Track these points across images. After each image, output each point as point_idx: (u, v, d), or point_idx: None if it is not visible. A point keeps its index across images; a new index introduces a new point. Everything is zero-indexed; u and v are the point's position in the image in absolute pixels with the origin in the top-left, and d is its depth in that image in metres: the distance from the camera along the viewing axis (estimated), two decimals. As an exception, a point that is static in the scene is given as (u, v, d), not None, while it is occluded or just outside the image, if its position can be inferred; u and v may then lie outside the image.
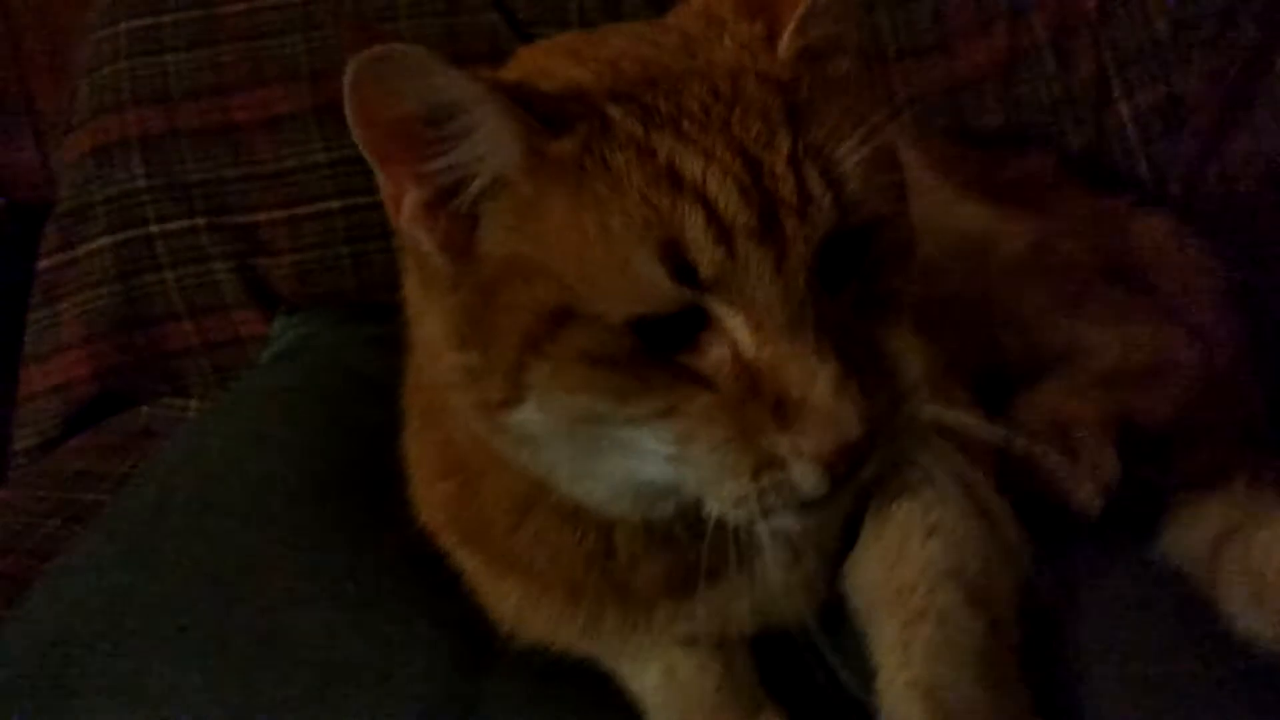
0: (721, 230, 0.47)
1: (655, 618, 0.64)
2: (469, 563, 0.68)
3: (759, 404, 0.49)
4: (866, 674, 0.59)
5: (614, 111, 0.50)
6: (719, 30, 0.54)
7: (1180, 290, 0.92)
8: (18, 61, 1.45)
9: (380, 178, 0.53)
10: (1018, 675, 0.59)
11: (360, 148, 0.51)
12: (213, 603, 0.73)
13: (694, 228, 0.47)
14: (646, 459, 0.52)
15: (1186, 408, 0.79)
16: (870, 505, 0.65)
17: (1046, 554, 0.67)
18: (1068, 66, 1.08)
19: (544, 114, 0.50)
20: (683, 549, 0.61)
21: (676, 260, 0.48)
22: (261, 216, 1.13)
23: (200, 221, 1.13)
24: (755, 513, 0.51)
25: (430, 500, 0.69)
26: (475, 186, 0.51)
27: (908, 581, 0.60)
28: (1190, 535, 0.68)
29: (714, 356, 0.50)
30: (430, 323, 0.56)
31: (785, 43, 0.53)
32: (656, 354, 0.50)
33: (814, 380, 0.48)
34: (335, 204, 1.12)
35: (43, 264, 1.17)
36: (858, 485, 0.52)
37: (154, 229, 1.13)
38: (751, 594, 0.63)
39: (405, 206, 0.53)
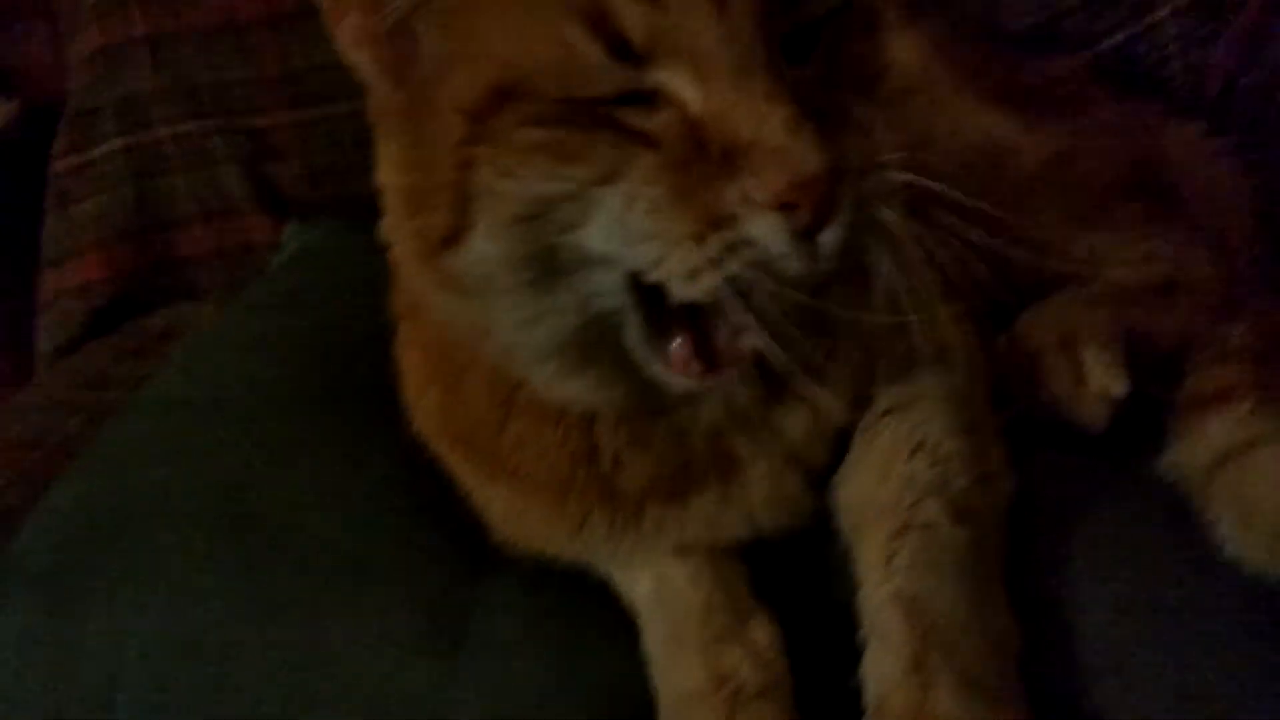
0: None
1: (644, 522, 0.64)
2: (460, 467, 0.68)
3: (704, 157, 0.46)
4: (852, 588, 0.59)
5: None
6: None
7: (1207, 203, 0.89)
8: None
9: (321, 3, 0.52)
10: (1001, 590, 0.59)
11: None
12: (224, 502, 0.74)
13: None
14: (599, 243, 0.48)
15: (1202, 324, 0.77)
16: (858, 424, 0.64)
17: (1044, 465, 0.67)
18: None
19: None
20: (665, 449, 0.61)
21: (608, 31, 0.45)
22: (269, 120, 1.12)
23: (209, 124, 1.13)
24: (716, 285, 0.47)
25: (421, 407, 0.69)
26: None
27: (892, 497, 0.61)
28: (1191, 453, 0.67)
29: (662, 117, 0.47)
30: (384, 171, 0.55)
31: None
32: (604, 113, 0.47)
33: (764, 121, 0.45)
34: (343, 107, 1.10)
35: (56, 166, 1.17)
36: (839, 266, 0.47)
37: (162, 131, 1.13)
38: (739, 504, 0.63)
39: (345, 30, 0.52)
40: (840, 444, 0.64)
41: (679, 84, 0.47)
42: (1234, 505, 0.60)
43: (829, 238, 0.47)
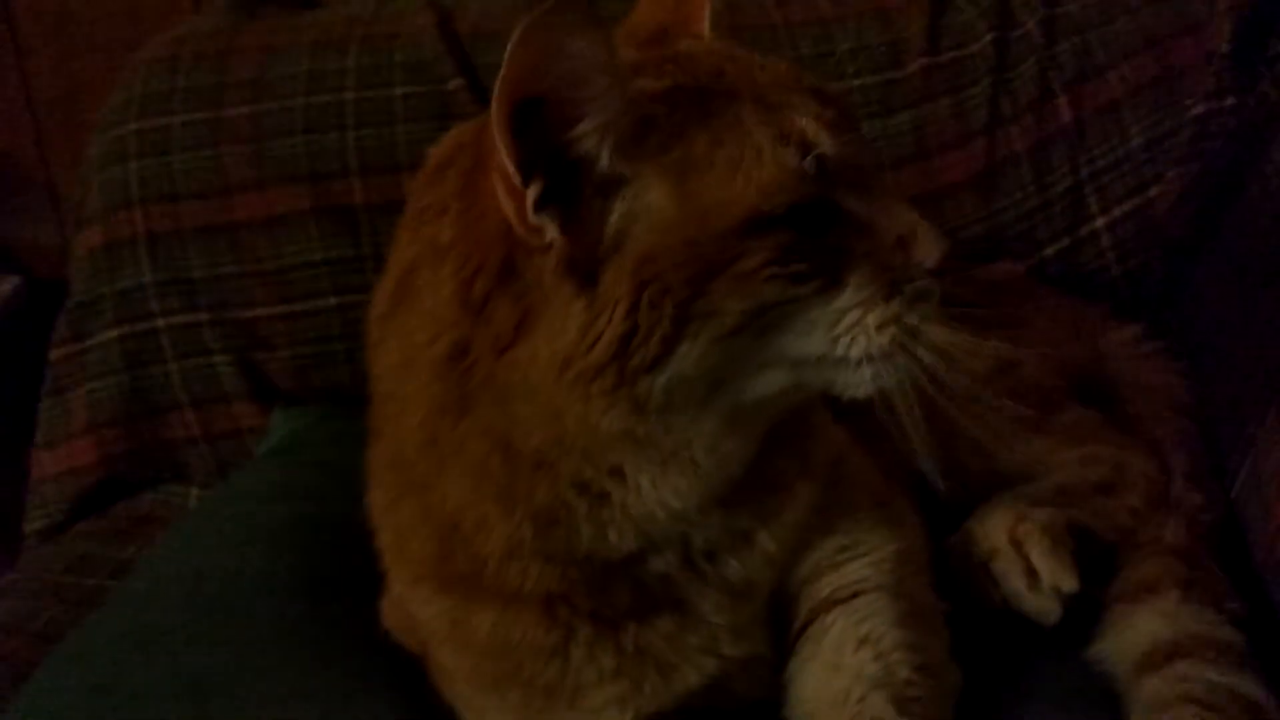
0: (830, 127, 0.59)
1: (621, 640, 0.66)
2: (438, 616, 0.69)
3: (887, 247, 0.61)
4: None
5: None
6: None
7: (1145, 403, 0.95)
8: (40, 145, 1.52)
9: (505, 176, 0.55)
10: None
11: (497, 137, 0.54)
12: (191, 701, 0.76)
13: (812, 127, 0.59)
14: (811, 337, 0.60)
15: (1140, 521, 0.83)
16: (802, 620, 0.69)
17: (988, 652, 0.72)
18: (1045, 179, 1.11)
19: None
20: (639, 580, 0.66)
21: (807, 150, 0.58)
22: (261, 312, 1.17)
23: (203, 316, 1.17)
24: (901, 331, 0.61)
25: (406, 567, 0.71)
26: (607, 152, 0.56)
27: (841, 691, 0.65)
28: (1118, 645, 0.72)
29: (839, 232, 0.60)
30: (542, 332, 0.58)
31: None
32: (815, 241, 0.59)
33: (914, 221, 0.62)
34: (332, 300, 1.16)
35: (54, 354, 1.21)
36: None
37: (159, 323, 1.18)
38: (699, 630, 0.67)
39: (528, 199, 0.55)
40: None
41: (853, 202, 0.61)
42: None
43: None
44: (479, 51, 1.21)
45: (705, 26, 0.69)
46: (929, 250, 0.61)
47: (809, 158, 0.58)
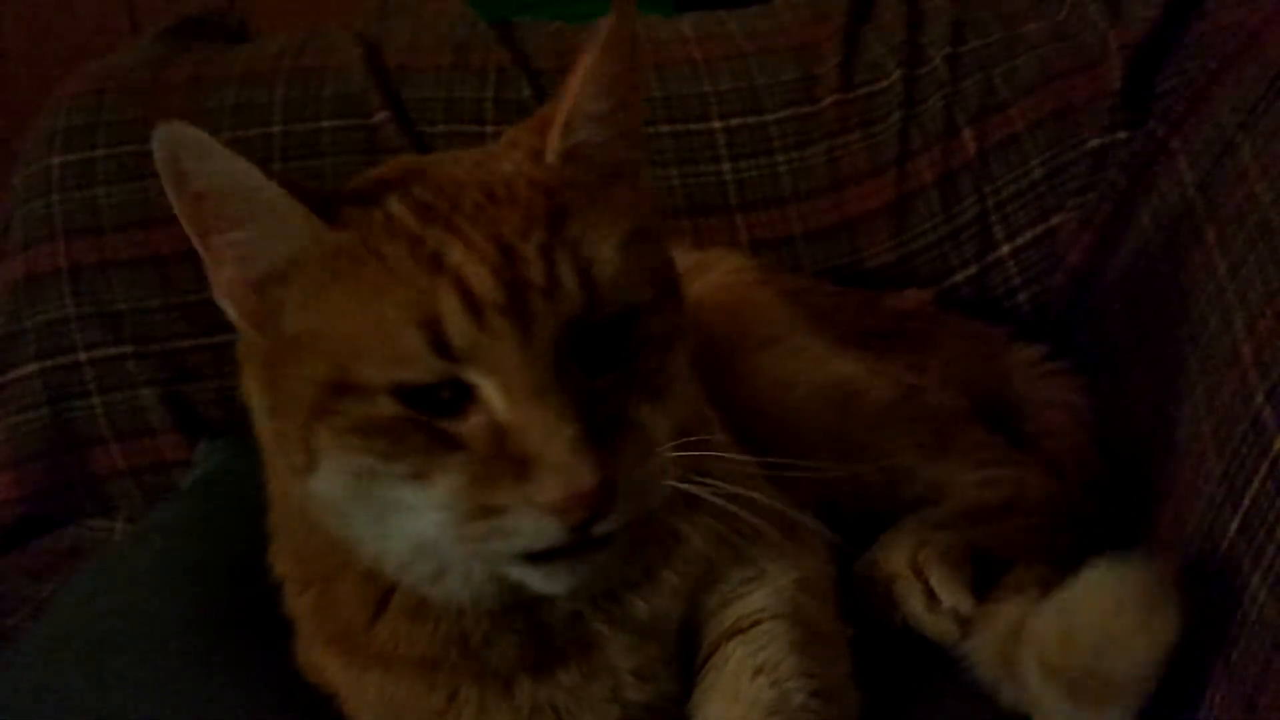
0: (474, 307, 0.54)
1: (516, 696, 0.67)
2: (333, 667, 0.71)
3: (503, 461, 0.55)
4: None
5: (396, 208, 0.58)
6: (511, 148, 0.63)
7: (1047, 423, 0.99)
8: None
9: (200, 253, 0.60)
10: None
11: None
12: None
13: (449, 305, 0.54)
14: (416, 516, 0.57)
15: (1039, 540, 0.85)
16: (707, 650, 0.70)
17: (895, 672, 0.73)
18: (952, 208, 1.15)
19: (324, 206, 0.58)
20: (529, 629, 0.66)
21: (435, 334, 0.54)
22: (186, 343, 1.16)
23: (127, 349, 1.16)
24: (480, 552, 0.57)
25: (297, 613, 0.74)
26: (266, 266, 0.59)
27: (738, 719, 0.66)
28: (983, 639, 0.74)
29: (472, 423, 0.56)
30: (250, 397, 0.63)
31: (551, 147, 0.61)
32: (421, 421, 0.56)
33: (552, 439, 0.54)
34: (258, 332, 1.16)
35: (-29, 388, 1.20)
36: (616, 539, 0.58)
37: (82, 356, 1.16)
38: (604, 677, 0.67)
39: (219, 281, 0.61)
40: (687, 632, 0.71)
41: (488, 392, 0.56)
42: (1033, 665, 0.66)
43: (603, 528, 0.57)
44: (406, 85, 1.22)
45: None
46: (547, 488, 0.54)
47: (428, 350, 0.54)
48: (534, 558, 0.58)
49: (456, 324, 0.54)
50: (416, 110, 1.21)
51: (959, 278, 1.15)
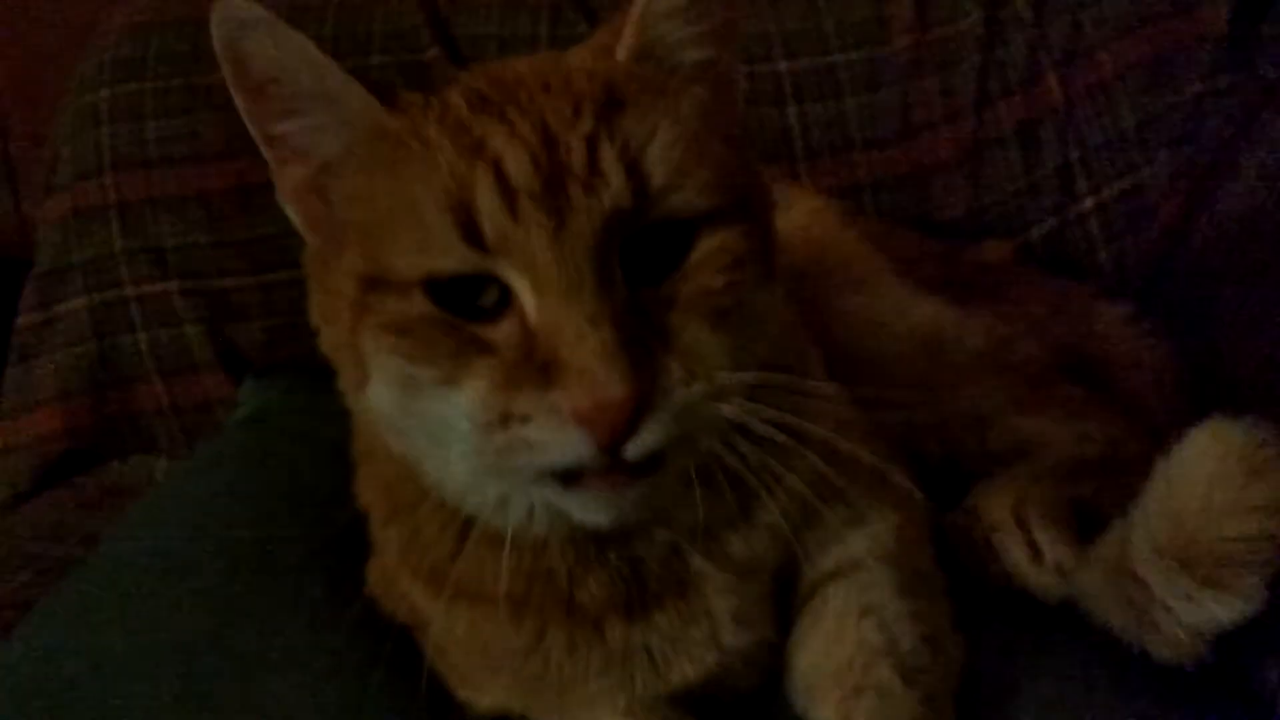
0: (507, 193, 0.51)
1: (607, 638, 0.63)
2: (422, 600, 0.68)
3: (529, 365, 0.51)
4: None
5: (453, 99, 0.56)
6: (583, 47, 0.59)
7: (1135, 382, 0.94)
8: None
9: (264, 153, 0.58)
10: None
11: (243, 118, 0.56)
12: (178, 665, 0.74)
13: (483, 189, 0.51)
14: (456, 432, 0.53)
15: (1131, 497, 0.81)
16: (804, 593, 0.67)
17: (995, 628, 0.70)
18: (1033, 158, 1.09)
19: (385, 93, 0.56)
20: (621, 567, 0.62)
21: (467, 220, 0.51)
22: (232, 282, 1.15)
23: (173, 285, 1.15)
24: (505, 469, 0.52)
25: (383, 546, 0.70)
26: (325, 156, 0.56)
27: (845, 660, 0.63)
28: (1090, 574, 0.70)
29: (505, 327, 0.52)
30: (314, 316, 0.61)
31: (623, 43, 0.57)
32: (453, 323, 0.53)
33: (581, 341, 0.50)
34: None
35: (20, 322, 1.19)
36: (665, 471, 0.53)
37: (129, 291, 1.16)
38: (703, 620, 0.63)
39: (283, 182, 0.58)
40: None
41: (520, 288, 0.52)
42: (1146, 553, 0.62)
43: (634, 450, 0.51)
44: (458, 22, 1.19)
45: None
46: (571, 394, 0.49)
47: (458, 237, 0.51)
48: (566, 480, 0.53)
49: (488, 210, 0.51)
50: (469, 47, 1.18)
51: (1036, 233, 1.09)
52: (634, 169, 0.52)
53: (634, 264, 0.53)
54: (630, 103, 0.54)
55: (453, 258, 0.52)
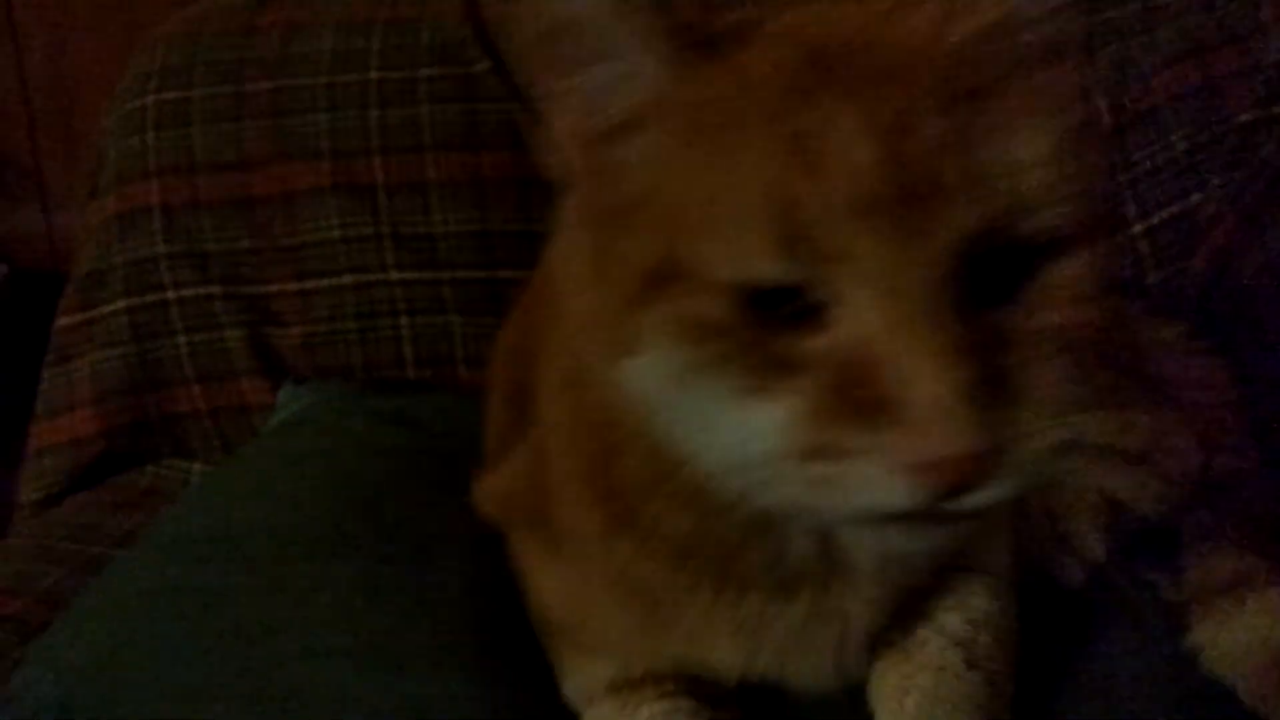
0: (845, 199, 0.43)
1: (742, 609, 0.60)
2: (584, 525, 0.63)
3: (851, 394, 0.44)
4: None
5: (763, 66, 0.47)
6: (918, 8, 0.49)
7: (1192, 402, 0.90)
8: (31, 133, 1.49)
9: (536, 94, 0.51)
10: None
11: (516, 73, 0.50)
12: (229, 656, 0.72)
13: (813, 193, 0.43)
14: (741, 439, 0.47)
15: (1177, 499, 0.80)
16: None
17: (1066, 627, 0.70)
18: (1083, 181, 1.08)
19: (689, 51, 0.48)
20: (780, 544, 0.58)
21: (790, 226, 0.44)
22: (274, 288, 1.15)
23: (215, 290, 1.15)
24: (804, 501, 0.46)
25: (567, 457, 0.64)
26: (615, 115, 0.49)
27: (917, 638, 0.62)
28: (1215, 637, 0.69)
29: (819, 343, 0.45)
30: (576, 259, 0.53)
31: (976, 12, 0.47)
32: (756, 331, 0.46)
33: (925, 381, 0.42)
34: (347, 279, 1.14)
35: (60, 323, 1.19)
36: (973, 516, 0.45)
37: (170, 295, 1.16)
38: (837, 601, 0.60)
39: (564, 125, 0.51)
40: None
41: (849, 306, 0.44)
42: None
43: (972, 503, 0.44)
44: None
45: None
46: (910, 442, 0.42)
47: (780, 247, 0.44)
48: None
49: (818, 217, 0.43)
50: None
51: (1085, 255, 1.07)
52: (1004, 177, 0.44)
53: (976, 284, 0.44)
54: (995, 91, 0.45)
55: (766, 266, 0.44)
